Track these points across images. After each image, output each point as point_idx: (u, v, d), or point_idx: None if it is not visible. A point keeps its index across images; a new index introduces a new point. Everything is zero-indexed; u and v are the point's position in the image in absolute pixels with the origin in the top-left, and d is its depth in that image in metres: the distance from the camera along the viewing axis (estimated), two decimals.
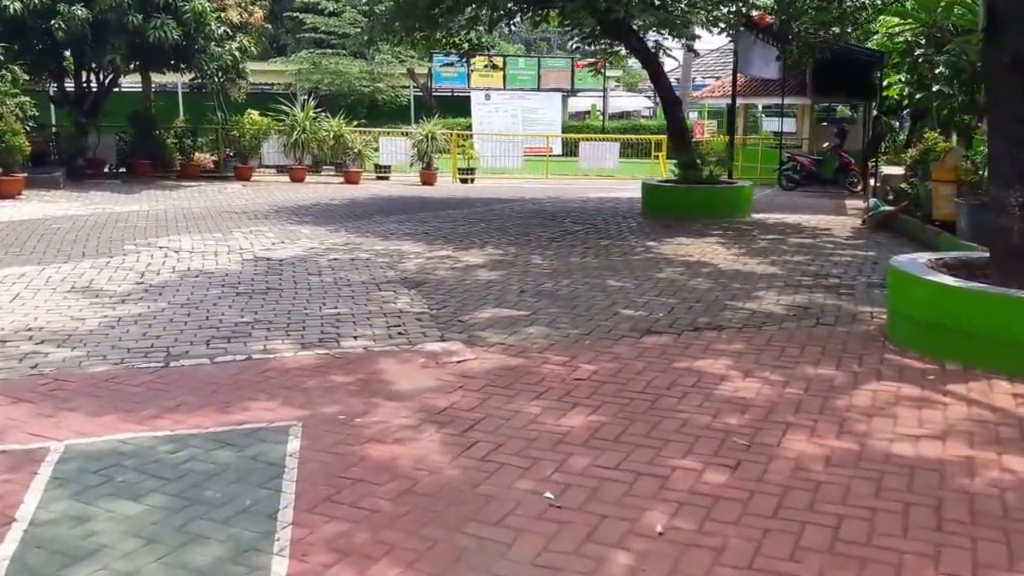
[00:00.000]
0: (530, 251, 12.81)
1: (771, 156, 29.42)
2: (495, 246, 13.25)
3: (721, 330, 8.31)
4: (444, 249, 12.86)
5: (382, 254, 12.29)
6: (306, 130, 25.01)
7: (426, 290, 9.93)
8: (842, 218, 17.72)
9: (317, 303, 9.22)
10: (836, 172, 25.54)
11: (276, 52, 38.51)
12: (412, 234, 14.38)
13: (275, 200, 19.58)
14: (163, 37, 20.29)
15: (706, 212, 17.08)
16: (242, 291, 9.74)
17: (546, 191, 24.38)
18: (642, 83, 67.30)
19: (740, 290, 10.09)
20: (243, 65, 24.43)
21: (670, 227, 15.64)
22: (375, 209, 18.28)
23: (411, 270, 11.13)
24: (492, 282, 10.40)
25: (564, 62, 38.85)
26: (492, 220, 16.56)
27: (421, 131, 26.37)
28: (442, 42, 20.23)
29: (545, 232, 14.85)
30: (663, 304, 9.32)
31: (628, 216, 17.43)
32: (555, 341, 7.83)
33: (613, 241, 13.87)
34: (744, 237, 14.50)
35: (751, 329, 8.36)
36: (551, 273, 11.02)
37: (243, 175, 24.75)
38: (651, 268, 11.43)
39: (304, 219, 16.15)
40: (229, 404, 6.17)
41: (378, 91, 35.11)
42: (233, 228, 14.54)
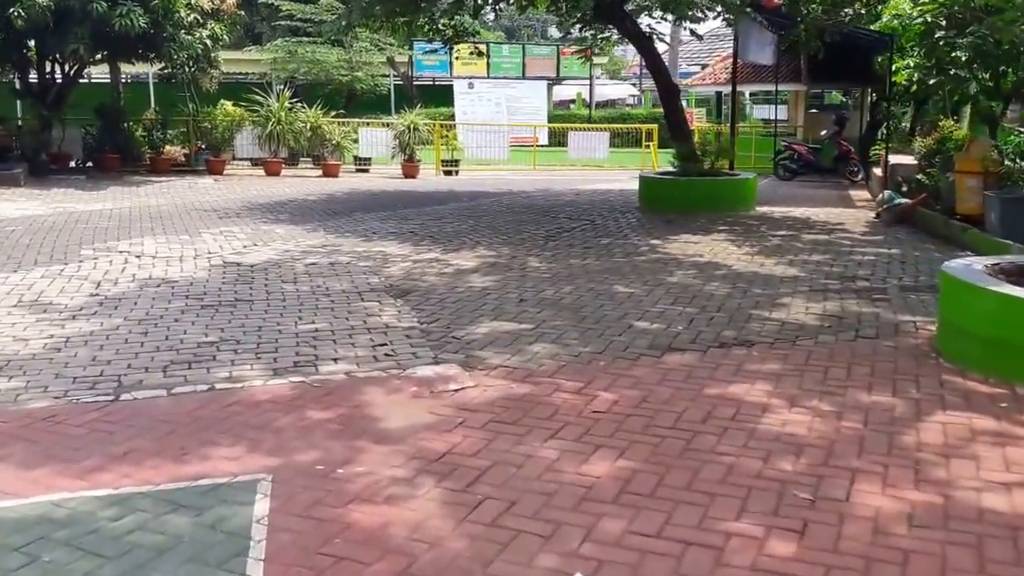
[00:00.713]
0: (525, 252, 11.80)
1: (765, 145, 28.47)
2: (487, 246, 12.23)
3: (751, 346, 7.32)
4: (432, 250, 11.84)
5: (364, 257, 11.25)
6: (281, 121, 23.86)
7: (414, 300, 8.91)
8: (852, 211, 16.77)
9: (292, 317, 8.18)
10: (835, 161, 24.63)
11: (251, 41, 37.25)
12: (396, 233, 13.34)
13: (248, 196, 18.49)
14: (129, 25, 19.13)
15: (708, 206, 16.11)
16: (208, 303, 8.69)
17: (535, 183, 23.36)
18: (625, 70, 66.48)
19: (763, 296, 9.11)
20: (215, 54, 23.29)
21: (672, 223, 14.65)
22: (355, 205, 17.22)
23: (397, 276, 10.11)
24: (487, 289, 9.39)
25: (549, 49, 37.77)
26: (481, 216, 15.53)
27: (403, 122, 25.28)
28: (424, 28, 19.15)
29: (539, 230, 13.83)
30: (681, 314, 8.32)
31: (625, 210, 16.44)
32: (565, 362, 6.83)
33: (614, 239, 12.87)
34: (753, 234, 13.53)
35: (785, 344, 7.37)
36: (551, 278, 10.01)
37: (215, 169, 23.64)
38: (660, 271, 10.43)
39: (279, 217, 15.08)
40: (186, 450, 5.16)
41: (357, 80, 33.91)
42: (202, 228, 13.47)
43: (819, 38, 15.21)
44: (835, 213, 16.31)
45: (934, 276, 10.05)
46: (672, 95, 17.44)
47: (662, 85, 17.47)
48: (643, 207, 16.77)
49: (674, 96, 17.47)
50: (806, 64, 28.60)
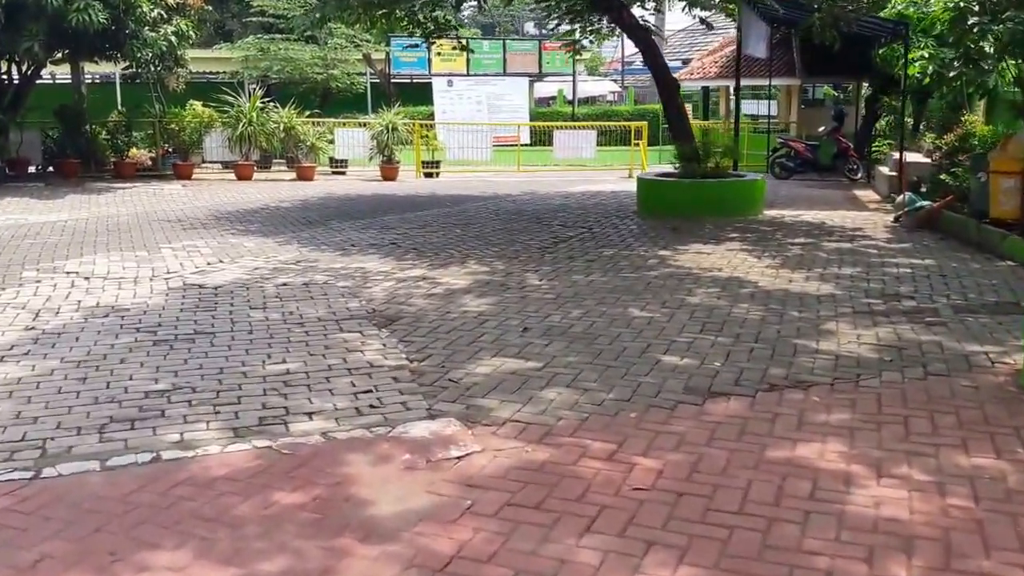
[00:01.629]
0: (521, 266, 10.60)
1: (758, 142, 27.35)
2: (478, 260, 11.02)
3: (807, 388, 6.15)
4: (418, 266, 10.61)
5: (343, 275, 10.01)
6: (253, 122, 22.53)
7: (401, 329, 7.68)
8: (866, 214, 15.66)
9: (260, 354, 6.95)
10: (834, 158, 23.59)
11: (222, 38, 35.86)
12: (377, 245, 12.11)
13: (217, 203, 17.20)
14: (87, 21, 17.81)
15: (714, 210, 14.96)
16: (162, 337, 7.44)
17: (520, 185, 22.17)
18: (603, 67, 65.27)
19: (803, 321, 7.93)
20: (181, 52, 21.94)
21: (678, 230, 13.49)
22: (332, 212, 15.97)
23: (380, 298, 8.87)
24: (484, 315, 8.17)
25: (531, 44, 36.57)
26: (468, 225, 14.32)
27: (381, 121, 24.03)
28: (403, 21, 17.89)
29: (533, 240, 12.64)
30: (714, 346, 7.14)
31: (624, 216, 15.27)
32: (587, 413, 5.64)
33: (618, 251, 11.69)
34: (770, 242, 12.38)
35: (846, 385, 6.20)
36: (555, 299, 8.80)
37: (183, 173, 22.31)
38: (677, 289, 9.25)
39: (249, 228, 13.82)
40: (117, 557, 3.96)
41: (332, 79, 32.58)
42: (163, 242, 12.19)
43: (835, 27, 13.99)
44: (849, 217, 15.19)
45: (984, 293, 8.95)
46: (672, 91, 16.28)
47: (661, 80, 16.30)
48: (642, 212, 15.61)
49: (674, 92, 16.32)
50: (799, 57, 27.56)
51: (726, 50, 33.82)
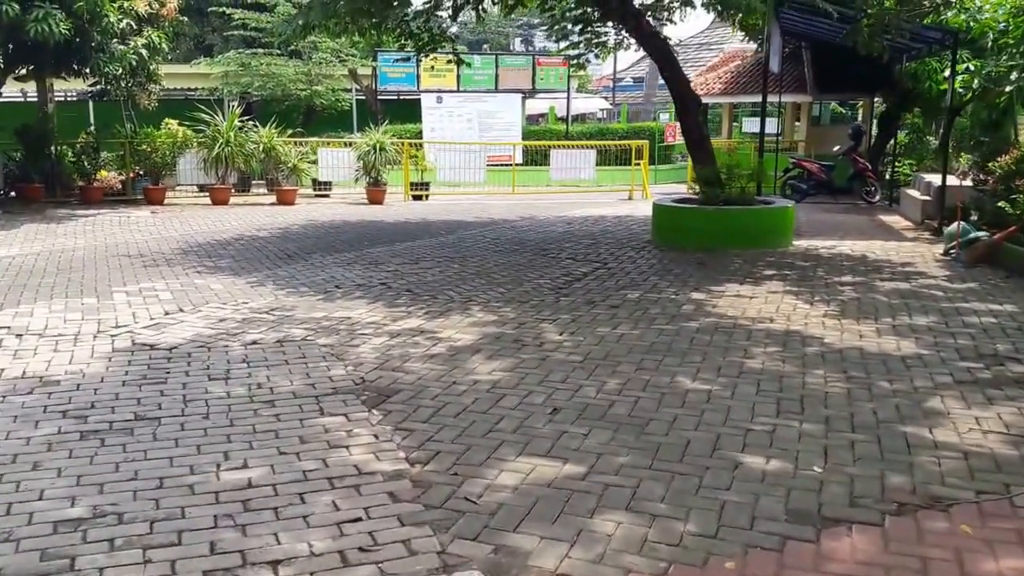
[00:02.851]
0: (535, 314, 8.99)
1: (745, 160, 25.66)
2: (483, 305, 9.41)
3: (947, 508, 4.53)
4: (413, 314, 8.99)
5: (324, 328, 8.37)
6: (230, 143, 20.86)
7: (397, 410, 6.06)
8: (907, 244, 14.15)
9: (214, 453, 5.33)
10: (850, 180, 22.09)
11: (202, 53, 34.20)
12: (365, 286, 10.48)
13: (187, 233, 15.54)
14: (47, 32, 16.17)
15: (740, 241, 13.45)
16: (93, 427, 5.80)
17: (516, 209, 20.62)
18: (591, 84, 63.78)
19: (899, 396, 6.36)
20: (154, 66, 20.30)
21: (705, 265, 11.94)
22: (313, 243, 14.35)
23: (369, 361, 7.24)
24: (500, 386, 6.55)
25: (525, 60, 34.93)
26: (466, 258, 12.73)
27: (367, 141, 22.40)
28: (395, 32, 16.29)
29: (543, 278, 11.05)
30: (803, 438, 5.57)
31: (638, 247, 13.72)
32: (665, 561, 4.02)
33: (643, 292, 10.08)
34: (815, 282, 10.82)
35: (998, 505, 4.60)
36: (583, 362, 7.19)
37: (154, 198, 20.64)
38: (729, 347, 7.65)
39: (219, 264, 12.18)
40: None
41: (316, 95, 30.90)
42: (117, 285, 10.54)
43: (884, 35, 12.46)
44: (891, 249, 13.64)
45: None
46: (691, 107, 14.71)
47: (680, 95, 14.74)
48: (658, 242, 14.06)
49: (693, 108, 14.74)
50: (811, 73, 26.16)
51: (730, 65, 32.43)
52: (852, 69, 23.72)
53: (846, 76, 24.20)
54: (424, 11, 16.28)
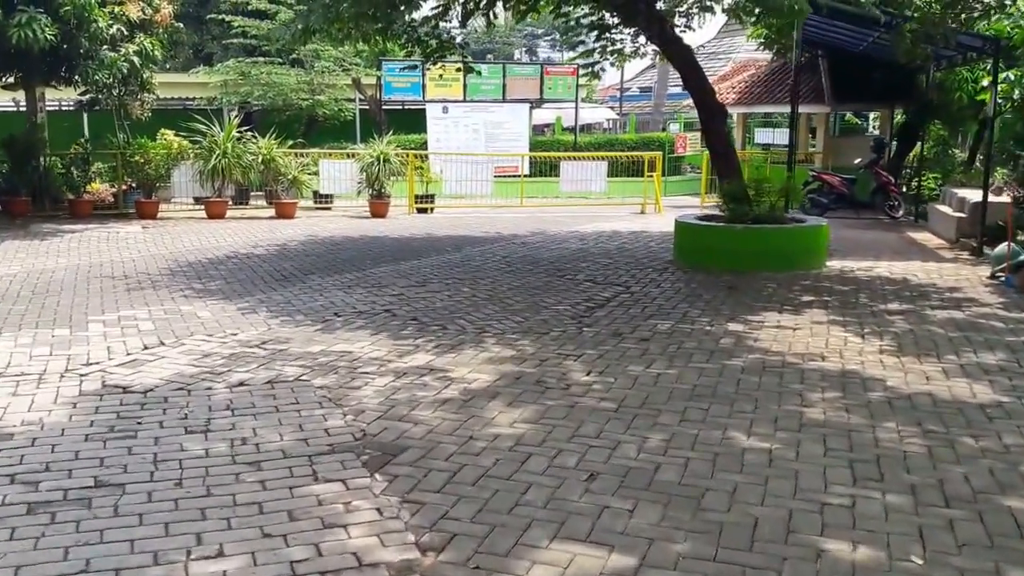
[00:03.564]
0: (557, 348, 8.05)
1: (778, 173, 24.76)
2: (498, 337, 8.47)
3: None
4: (421, 348, 8.04)
5: (321, 365, 7.42)
6: (227, 154, 19.92)
7: (405, 475, 5.12)
8: (947, 266, 13.23)
9: (185, 535, 4.41)
10: (873, 194, 21.17)
11: (201, 62, 33.29)
12: (367, 314, 9.54)
13: (178, 250, 14.61)
14: (31, 38, 15.26)
15: (770, 262, 12.51)
16: (44, 496, 4.88)
17: (525, 223, 19.69)
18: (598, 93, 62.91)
19: (989, 456, 5.52)
20: (147, 75, 19.36)
21: (736, 289, 11.02)
22: (312, 262, 13.42)
23: (372, 408, 6.29)
24: (524, 443, 5.61)
25: (533, 69, 34.08)
26: (477, 279, 11.80)
27: (371, 152, 21.44)
28: (402, 39, 15.38)
29: (561, 304, 10.12)
30: (890, 515, 4.62)
31: (660, 268, 12.81)
32: None
33: (675, 323, 9.14)
34: (860, 310, 9.91)
35: None
36: (618, 410, 6.25)
37: (147, 212, 19.68)
38: (782, 392, 6.73)
39: (208, 287, 11.24)
40: None
41: (319, 105, 29.95)
42: (94, 313, 9.60)
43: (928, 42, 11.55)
44: (931, 271, 12.73)
45: None
46: (716, 117, 13.78)
47: (704, 105, 13.80)
48: (681, 262, 13.14)
49: (719, 119, 13.81)
50: (828, 82, 25.27)
51: (744, 75, 31.54)
52: (871, 78, 22.92)
53: (865, 86, 23.39)
54: (432, 17, 15.38)
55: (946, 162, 23.70)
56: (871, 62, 22.31)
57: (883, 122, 31.02)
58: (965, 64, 18.00)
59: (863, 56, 22.11)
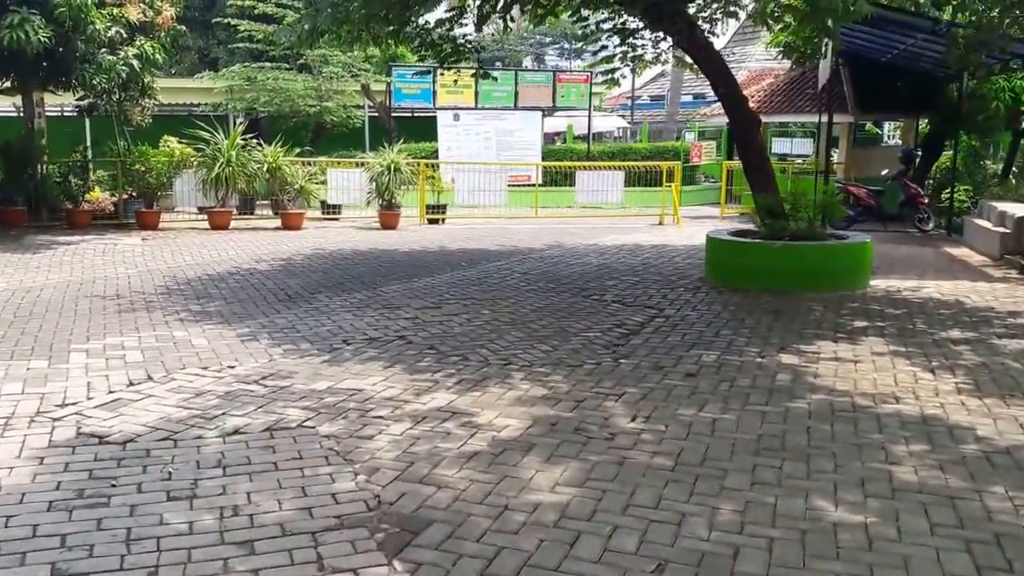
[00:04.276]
0: (594, 384, 7.15)
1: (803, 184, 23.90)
2: (526, 371, 7.56)
3: None
4: (441, 384, 7.14)
5: (328, 407, 6.51)
6: (231, 162, 19.04)
7: (429, 563, 4.25)
8: (999, 286, 12.42)
9: None
10: (901, 206, 20.29)
11: (207, 67, 32.38)
12: (379, 342, 8.63)
13: (177, 265, 13.75)
14: (23, 40, 14.39)
15: (810, 282, 11.63)
16: None
17: (540, 235, 18.86)
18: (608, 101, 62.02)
19: None
20: (148, 79, 18.48)
21: (781, 313, 10.11)
22: (320, 279, 12.55)
23: (387, 466, 5.38)
24: (569, 518, 4.71)
25: (545, 76, 33.11)
26: (496, 299, 10.93)
27: (381, 161, 20.57)
28: (415, 42, 14.51)
29: (592, 330, 9.26)
30: None
31: (691, 287, 11.96)
32: None
33: (721, 354, 8.23)
34: (920, 339, 9.02)
35: None
36: (675, 469, 5.36)
37: (148, 222, 18.82)
38: (860, 444, 5.87)
39: (207, 308, 10.36)
40: None
41: (327, 111, 29.08)
42: (79, 340, 8.70)
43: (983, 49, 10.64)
44: (983, 291, 11.85)
45: None
46: (750, 128, 12.88)
47: (737, 113, 12.91)
48: (713, 281, 12.27)
49: (753, 128, 12.89)
50: (852, 91, 24.38)
51: (762, 83, 30.73)
52: (897, 87, 22.15)
53: (890, 95, 22.62)
54: (447, 19, 14.51)
55: (977, 174, 22.88)
56: (896, 70, 21.56)
57: (905, 132, 30.23)
58: (1003, 73, 17.17)
59: (887, 64, 21.33)
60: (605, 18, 16.23)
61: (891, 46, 19.20)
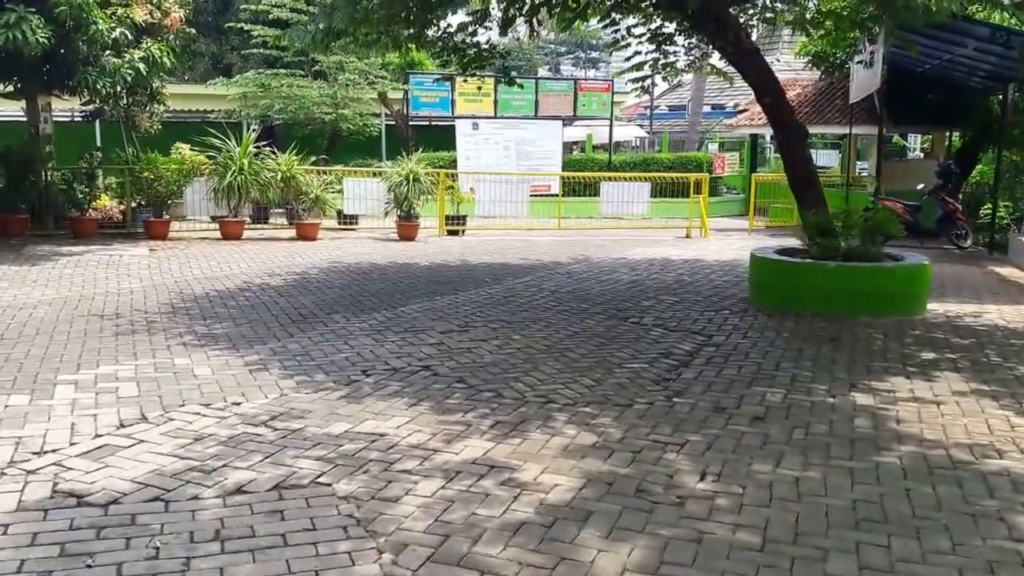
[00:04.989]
0: (650, 430, 6.29)
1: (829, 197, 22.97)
2: (570, 412, 6.67)
3: None
4: (475, 428, 6.28)
5: (345, 459, 5.63)
6: (244, 170, 18.21)
7: None
8: None
9: None
10: (939, 222, 19.40)
11: (220, 73, 31.59)
12: (402, 373, 7.75)
13: (184, 279, 12.91)
14: (19, 40, 13.57)
15: (867, 306, 10.76)
16: None
17: (564, 248, 18.07)
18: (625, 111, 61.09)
19: None
20: (157, 84, 17.65)
21: (840, 341, 9.21)
22: (335, 295, 11.71)
23: (417, 542, 4.51)
24: None
25: (566, 85, 32.24)
26: (528, 323, 10.08)
27: (400, 171, 19.71)
28: (436, 46, 13.66)
29: (636, 359, 8.38)
30: None
31: (737, 309, 11.12)
32: None
33: (787, 392, 7.36)
34: (1000, 374, 8.16)
35: None
36: (765, 550, 4.54)
37: (156, 232, 17.99)
38: (976, 515, 5.00)
39: (213, 329, 9.49)
40: None
41: (343, 119, 28.24)
42: (68, 368, 7.83)
43: None
44: None
45: None
46: (797, 139, 11.99)
47: (784, 123, 12.02)
48: (759, 303, 11.39)
49: (800, 141, 11.99)
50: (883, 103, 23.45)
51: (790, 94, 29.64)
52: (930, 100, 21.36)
53: (923, 107, 21.80)
54: (470, 23, 13.65)
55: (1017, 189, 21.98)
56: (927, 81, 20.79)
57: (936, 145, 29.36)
58: None
59: (920, 76, 20.53)
60: (636, 23, 15.41)
61: (935, 55, 18.33)
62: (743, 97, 44.02)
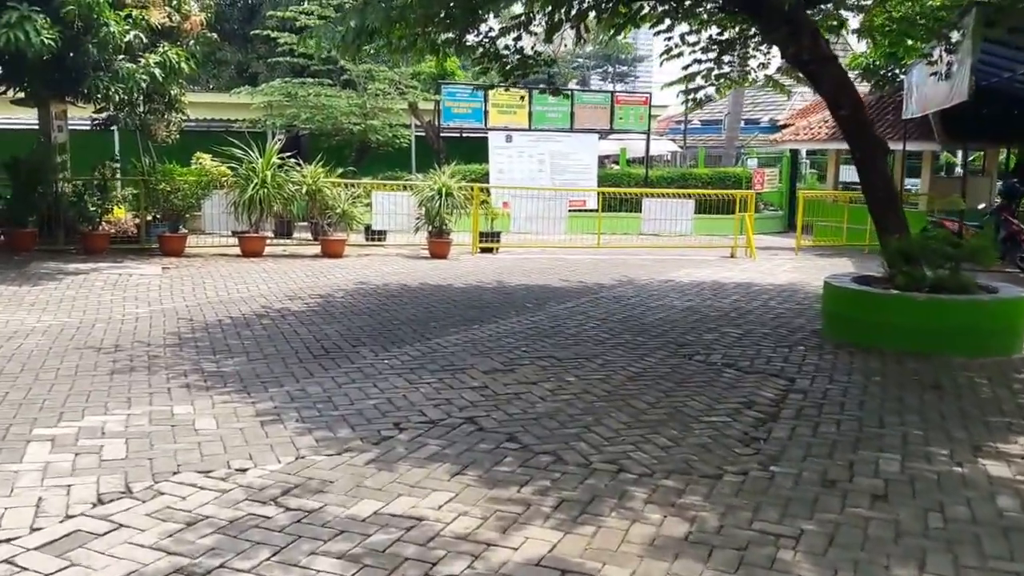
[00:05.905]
0: (750, 512, 5.08)
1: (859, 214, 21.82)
2: (649, 486, 5.46)
3: None
4: (535, 512, 5.10)
5: (373, 556, 4.47)
6: (266, 183, 17.08)
7: None
8: None
9: None
10: (1002, 243, 18.14)
11: (246, 82, 30.56)
12: (441, 427, 6.56)
13: (196, 303, 11.80)
14: (23, 41, 12.48)
15: (959, 345, 9.50)
16: None
17: (605, 268, 16.97)
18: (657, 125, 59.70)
19: None
20: (175, 91, 16.54)
21: (942, 389, 7.92)
22: (362, 324, 10.55)
23: None
24: None
25: (603, 97, 30.98)
26: (582, 361, 8.92)
27: (431, 184, 18.56)
28: (476, 52, 12.52)
29: (714, 411, 7.14)
30: None
31: (811, 344, 9.99)
32: None
33: (903, 458, 6.12)
34: None
35: None
36: None
37: (171, 248, 16.90)
38: None
39: (222, 366, 8.33)
40: None
41: (371, 130, 27.14)
42: (45, 421, 6.64)
43: None
44: None
45: None
46: (876, 155, 10.73)
47: (861, 137, 10.77)
48: (833, 336, 10.19)
49: (880, 157, 10.74)
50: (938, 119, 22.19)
51: None
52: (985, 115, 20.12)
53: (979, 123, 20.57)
54: (512, 27, 12.50)
55: None
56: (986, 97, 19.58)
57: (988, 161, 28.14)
58: None
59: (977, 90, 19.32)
60: (691, 31, 14.24)
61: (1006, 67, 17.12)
62: (777, 112, 42.76)
